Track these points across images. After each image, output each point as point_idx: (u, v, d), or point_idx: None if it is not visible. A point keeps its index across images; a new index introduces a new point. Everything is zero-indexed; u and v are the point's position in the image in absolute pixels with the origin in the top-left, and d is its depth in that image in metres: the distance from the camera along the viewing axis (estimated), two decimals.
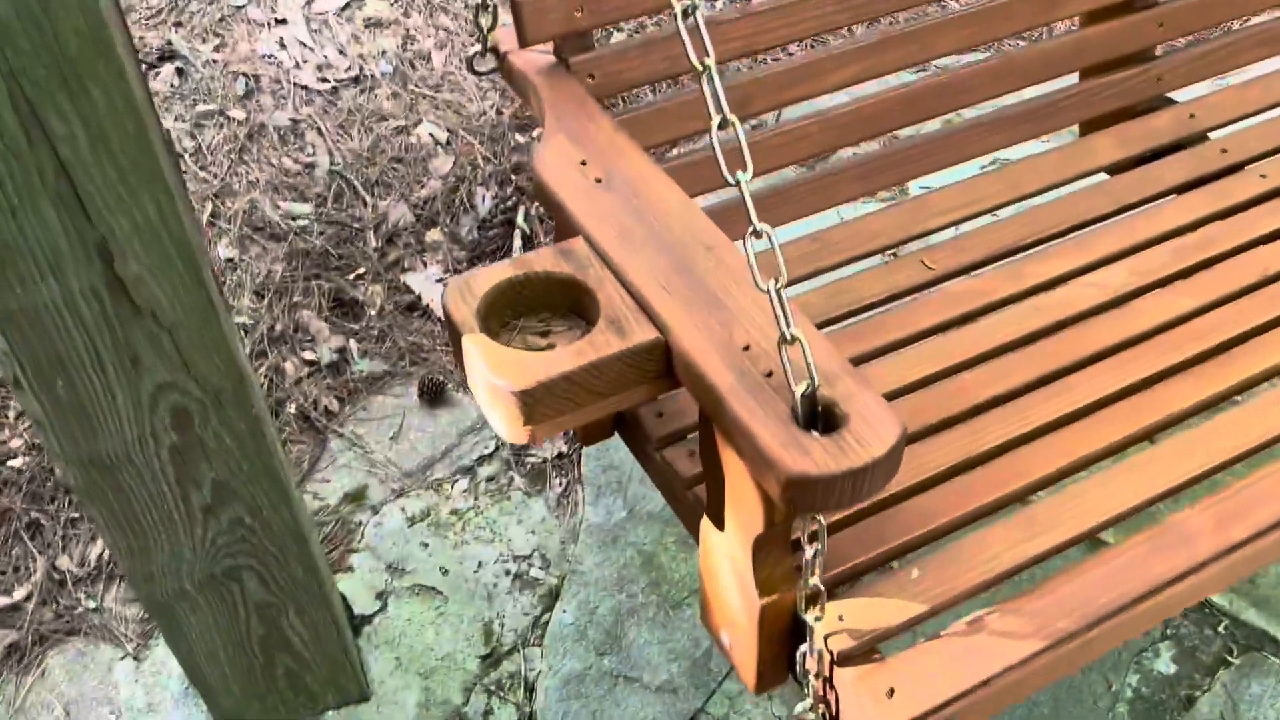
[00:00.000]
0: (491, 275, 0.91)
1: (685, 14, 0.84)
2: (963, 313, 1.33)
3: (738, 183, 0.81)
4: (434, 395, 1.79)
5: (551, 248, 0.95)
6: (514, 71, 1.17)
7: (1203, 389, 1.18)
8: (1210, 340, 1.25)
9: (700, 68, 0.82)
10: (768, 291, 0.80)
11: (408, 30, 2.24)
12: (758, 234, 0.82)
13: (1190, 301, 1.31)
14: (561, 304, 0.93)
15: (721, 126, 0.83)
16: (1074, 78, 1.56)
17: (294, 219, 1.90)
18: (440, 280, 1.91)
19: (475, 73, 1.19)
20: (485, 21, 1.15)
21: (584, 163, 1.03)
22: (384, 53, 2.16)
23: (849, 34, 1.99)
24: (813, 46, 2.17)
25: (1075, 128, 1.62)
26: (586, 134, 1.07)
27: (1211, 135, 1.56)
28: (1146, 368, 1.22)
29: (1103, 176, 1.53)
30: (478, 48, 1.19)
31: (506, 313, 0.92)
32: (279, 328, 1.79)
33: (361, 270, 1.91)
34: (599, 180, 1.01)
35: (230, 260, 1.89)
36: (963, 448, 1.14)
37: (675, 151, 1.87)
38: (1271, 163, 1.51)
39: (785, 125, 1.33)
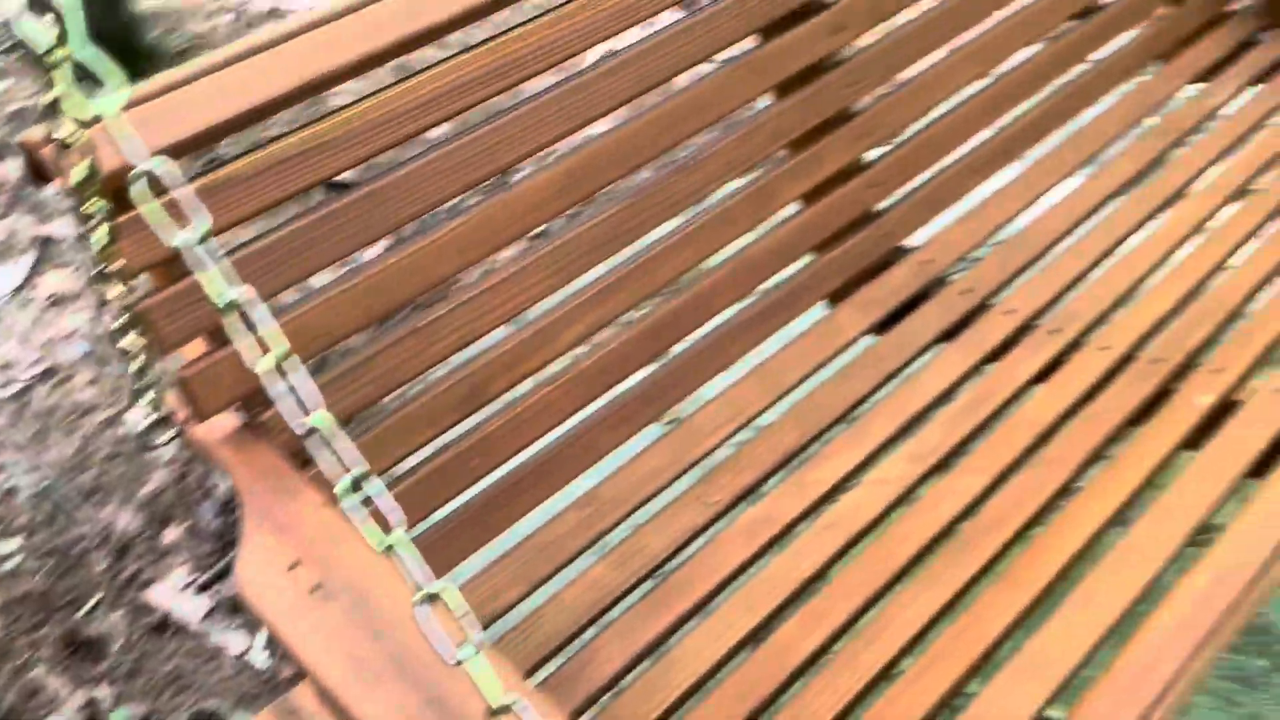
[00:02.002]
0: None
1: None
2: (758, 548, 1.23)
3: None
4: None
5: (271, 708, 0.78)
6: (198, 445, 1.00)
7: (1017, 598, 1.12)
8: (1008, 528, 1.20)
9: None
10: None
11: (100, 297, 2.01)
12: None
13: (976, 481, 1.26)
14: None
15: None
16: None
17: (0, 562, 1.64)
18: (188, 585, 1.69)
19: (149, 448, 1.01)
20: (149, 397, 0.98)
21: (295, 565, 0.87)
22: (74, 332, 1.93)
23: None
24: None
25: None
26: (292, 521, 0.91)
27: (952, 277, 1.54)
28: (957, 578, 1.16)
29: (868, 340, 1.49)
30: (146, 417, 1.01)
31: None
32: (6, 702, 1.53)
33: (95, 600, 1.67)
34: (316, 588, 0.85)
35: None
36: None
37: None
38: (1012, 295, 1.50)
39: (525, 402, 1.21)
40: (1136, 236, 1.56)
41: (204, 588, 1.68)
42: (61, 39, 0.76)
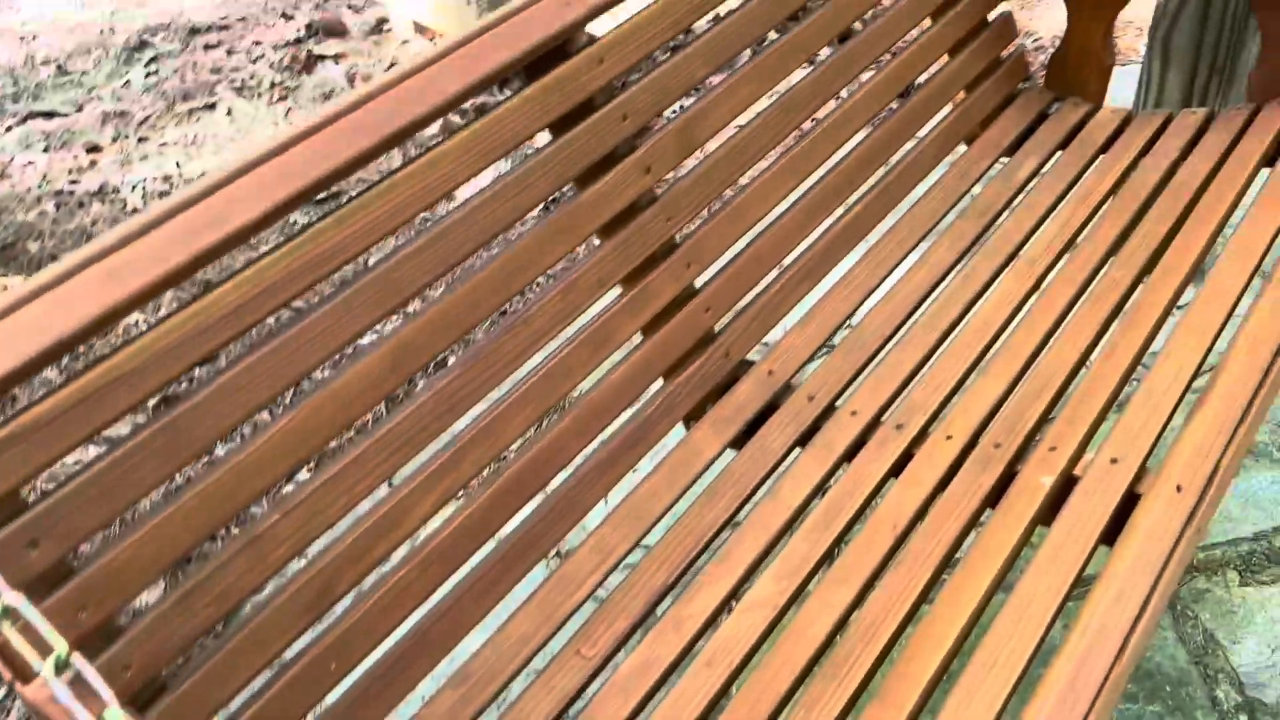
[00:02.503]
0: None
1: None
2: (638, 701, 1.22)
3: None
4: None
5: None
6: (30, 704, 0.95)
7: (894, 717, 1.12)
8: (880, 639, 1.21)
9: None
10: None
11: None
12: None
13: (845, 593, 1.27)
14: None
15: None
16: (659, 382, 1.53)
17: None
18: None
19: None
20: None
21: None
22: None
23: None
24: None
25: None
26: None
27: (797, 383, 1.58)
28: (838, 699, 1.16)
29: (728, 456, 1.50)
30: None
31: None
32: None
33: None
34: None
35: None
36: None
37: None
38: (853, 397, 1.54)
39: (379, 591, 1.18)
40: (966, 319, 1.62)
41: None
42: None
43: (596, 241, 1.47)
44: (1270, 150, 1.77)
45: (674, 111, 2.55)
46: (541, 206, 1.38)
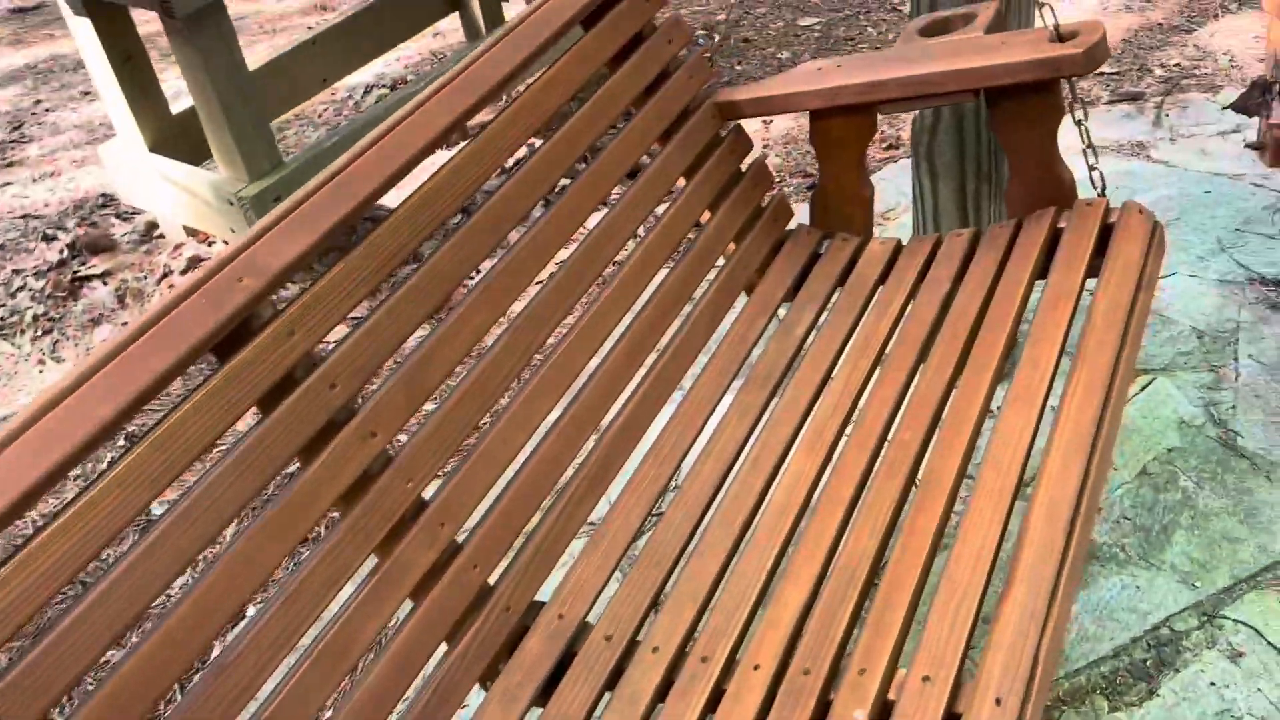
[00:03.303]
0: None
1: None
2: None
3: None
4: None
5: None
6: None
7: None
8: None
9: None
10: None
11: None
12: None
13: None
14: None
15: None
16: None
17: None
18: None
19: None
20: None
21: None
22: None
23: None
24: None
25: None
26: None
27: (590, 621, 1.42)
28: None
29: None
30: None
31: None
32: None
33: None
34: None
35: None
36: None
37: None
38: (653, 631, 1.39)
39: None
40: (760, 512, 1.50)
41: None
42: None
43: (339, 514, 1.31)
44: (1039, 264, 1.72)
45: (392, 367, 2.33)
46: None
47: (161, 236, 3.35)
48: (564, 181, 3.65)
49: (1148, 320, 1.63)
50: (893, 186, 3.15)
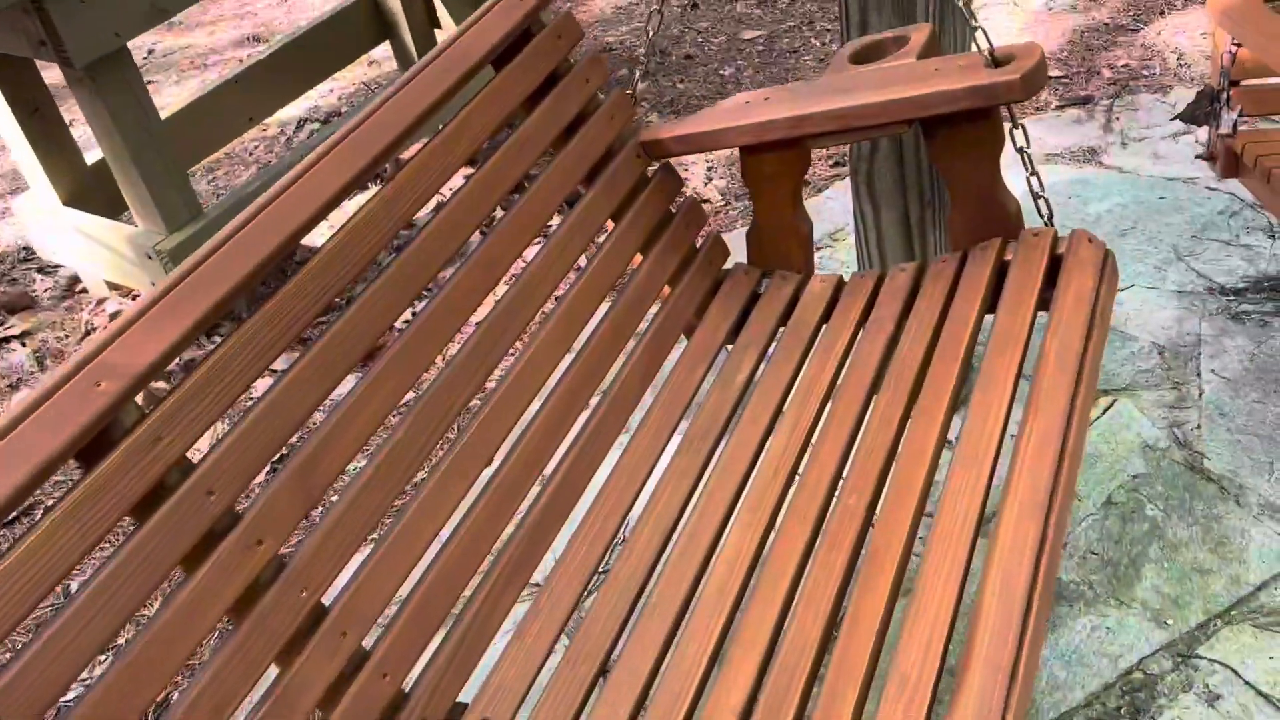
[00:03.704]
0: None
1: None
2: None
3: None
4: None
5: None
6: None
7: None
8: None
9: None
10: None
11: None
12: None
13: None
14: None
15: None
16: None
17: None
18: None
19: None
20: None
21: None
22: None
23: None
24: None
25: None
26: None
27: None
28: None
29: None
30: None
31: None
32: None
33: None
34: None
35: None
36: None
37: None
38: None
39: None
40: (697, 594, 1.39)
41: None
42: None
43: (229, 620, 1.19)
44: (986, 301, 1.63)
45: (269, 471, 2.30)
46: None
47: (84, 291, 3.21)
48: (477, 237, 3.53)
49: (1104, 346, 1.53)
50: (840, 205, 3.06)
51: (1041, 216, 1.66)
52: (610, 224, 1.80)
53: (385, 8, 3.66)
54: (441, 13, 3.71)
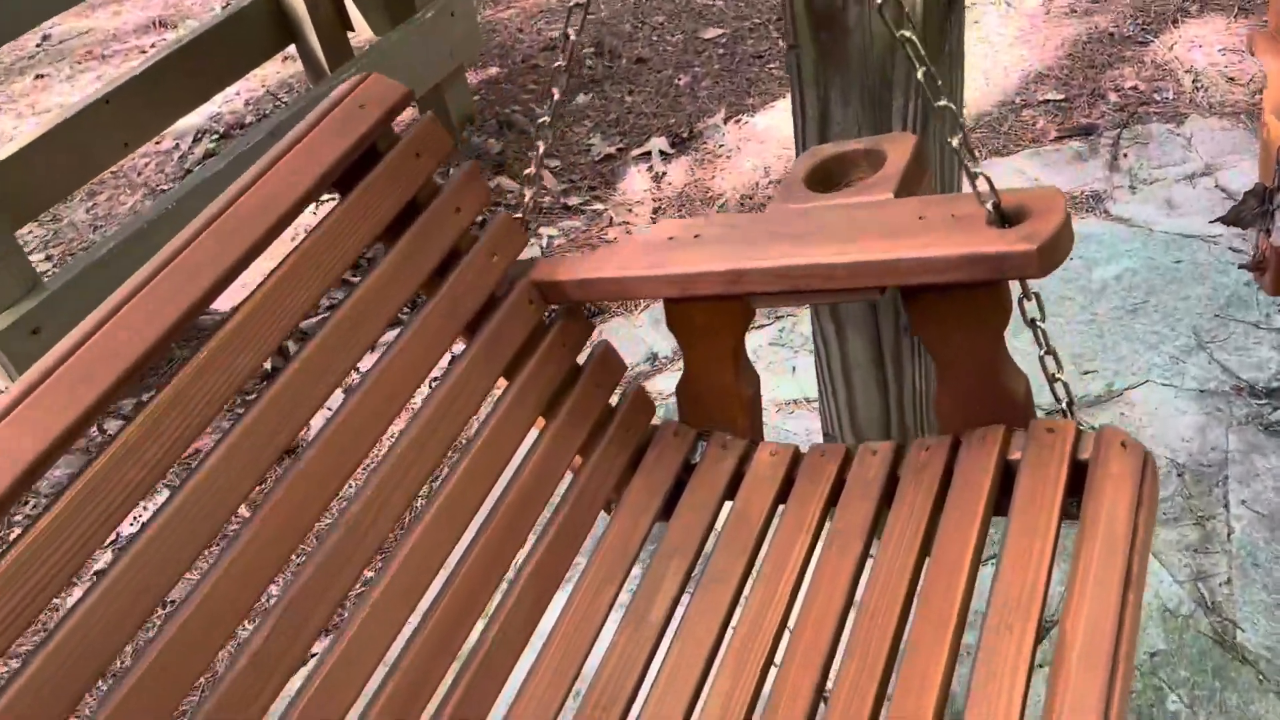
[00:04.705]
0: None
1: None
2: None
3: None
4: None
5: None
6: None
7: None
8: None
9: None
10: None
11: None
12: None
13: None
14: None
15: None
16: None
17: None
18: None
19: None
20: None
21: None
22: None
23: None
24: None
25: None
26: None
27: None
28: None
29: None
30: None
31: None
32: None
33: None
34: None
35: None
36: None
37: None
38: None
39: None
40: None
41: None
42: None
43: None
44: (988, 515, 1.23)
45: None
46: None
47: None
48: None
49: (1141, 602, 1.15)
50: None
51: (1059, 401, 1.26)
52: (503, 382, 1.40)
53: (287, 7, 3.19)
54: (354, 14, 3.24)
